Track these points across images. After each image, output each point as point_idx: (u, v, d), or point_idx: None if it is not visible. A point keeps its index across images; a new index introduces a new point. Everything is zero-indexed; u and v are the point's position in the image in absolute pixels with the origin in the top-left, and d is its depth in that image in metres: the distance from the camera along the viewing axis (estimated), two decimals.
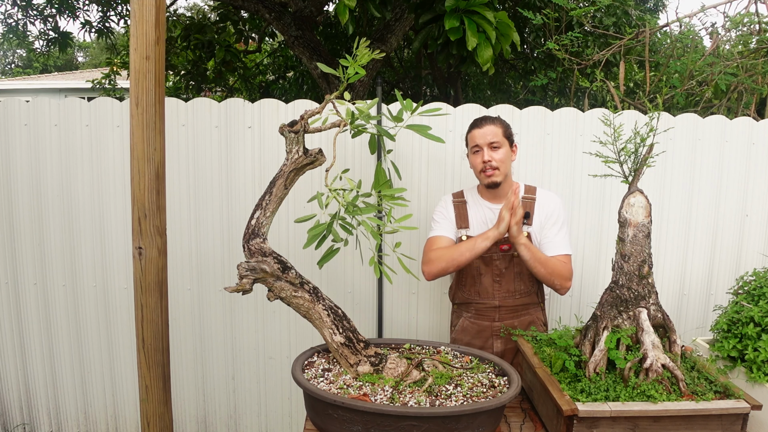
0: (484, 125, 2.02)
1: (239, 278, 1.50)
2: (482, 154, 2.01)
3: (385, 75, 8.20)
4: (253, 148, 2.53)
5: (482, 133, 2.01)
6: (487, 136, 2.00)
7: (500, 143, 2.01)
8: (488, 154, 2.00)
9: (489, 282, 2.07)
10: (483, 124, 2.03)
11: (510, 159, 2.05)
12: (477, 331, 2.10)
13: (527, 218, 2.04)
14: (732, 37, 4.37)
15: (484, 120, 2.04)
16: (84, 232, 2.57)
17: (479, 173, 2.05)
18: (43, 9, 5.99)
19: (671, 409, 1.39)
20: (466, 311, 2.14)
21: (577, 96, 5.93)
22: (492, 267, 2.06)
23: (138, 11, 1.53)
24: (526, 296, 2.08)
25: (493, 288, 2.07)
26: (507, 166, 2.03)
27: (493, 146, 2.00)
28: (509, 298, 2.07)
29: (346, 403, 1.37)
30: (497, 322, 2.07)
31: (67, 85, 14.19)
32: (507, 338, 2.06)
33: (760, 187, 2.67)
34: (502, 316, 2.07)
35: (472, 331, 2.11)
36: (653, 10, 7.90)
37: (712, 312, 2.56)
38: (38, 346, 2.66)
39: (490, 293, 2.07)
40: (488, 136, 2.00)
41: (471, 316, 2.12)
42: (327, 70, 1.57)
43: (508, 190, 2.02)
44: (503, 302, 2.07)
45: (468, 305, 2.13)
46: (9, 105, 2.50)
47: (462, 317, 2.15)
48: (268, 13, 4.53)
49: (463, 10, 3.02)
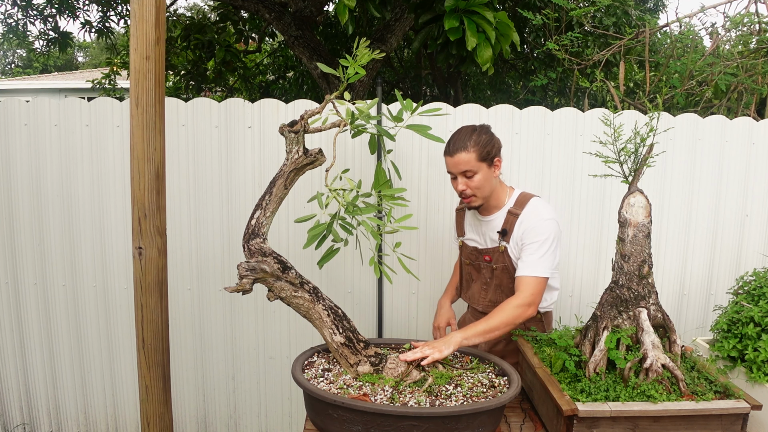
0: (456, 153, 1.86)
1: (239, 278, 1.50)
2: (455, 183, 1.92)
3: (385, 75, 8.20)
4: (253, 148, 2.53)
5: (454, 162, 1.87)
6: (459, 166, 1.86)
7: (474, 170, 1.86)
8: (462, 183, 1.89)
9: (478, 289, 2.09)
10: (454, 151, 1.86)
11: (490, 179, 1.90)
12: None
13: (504, 235, 1.96)
14: (732, 37, 4.37)
15: (455, 146, 1.87)
16: (84, 232, 2.57)
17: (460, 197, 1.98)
18: (43, 9, 5.99)
19: (671, 409, 1.39)
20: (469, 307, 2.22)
21: (577, 96, 5.93)
22: (481, 274, 2.08)
23: (138, 11, 1.54)
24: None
25: (480, 295, 2.08)
26: (486, 188, 1.91)
27: (467, 175, 1.88)
28: (491, 308, 1.99)
29: (346, 403, 1.37)
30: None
31: (67, 85, 14.20)
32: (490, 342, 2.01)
33: (760, 187, 2.67)
34: None
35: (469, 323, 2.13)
36: (653, 10, 7.90)
37: (712, 312, 2.57)
38: (38, 346, 2.66)
39: (476, 299, 2.10)
40: (460, 166, 1.86)
41: (470, 313, 2.20)
42: (327, 70, 1.57)
43: (495, 203, 1.98)
44: (486, 310, 2.03)
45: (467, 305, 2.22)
46: (9, 105, 2.50)
47: (466, 311, 2.24)
48: (268, 13, 4.53)
49: (462, 10, 3.02)
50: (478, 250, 2.05)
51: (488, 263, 2.03)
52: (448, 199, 2.55)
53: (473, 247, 2.07)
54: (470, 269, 2.11)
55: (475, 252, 2.06)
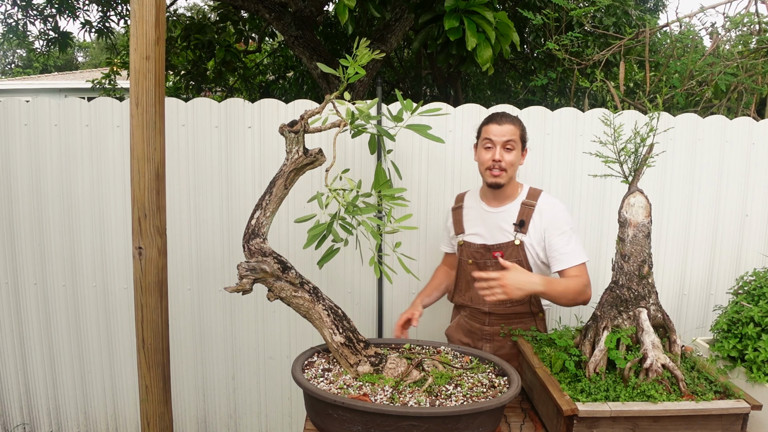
0: (504, 123, 1.93)
1: (239, 278, 1.50)
2: (494, 151, 1.92)
3: (385, 75, 8.20)
4: (253, 148, 2.53)
5: (500, 131, 1.92)
6: (505, 135, 1.91)
7: (514, 145, 1.93)
8: (500, 153, 1.91)
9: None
10: (503, 121, 1.93)
11: (519, 162, 1.97)
12: (468, 330, 2.10)
13: (522, 226, 1.97)
14: (732, 37, 4.37)
15: (504, 117, 1.95)
16: (84, 232, 2.57)
17: (485, 170, 1.96)
18: (43, 9, 5.99)
19: (671, 409, 1.39)
20: (463, 311, 2.16)
21: (577, 96, 5.93)
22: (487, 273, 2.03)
23: (138, 11, 1.53)
24: (518, 305, 2.03)
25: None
26: (514, 170, 1.97)
27: (507, 146, 1.92)
28: (499, 306, 2.01)
29: (346, 403, 1.37)
30: (487, 326, 2.05)
31: (67, 85, 14.19)
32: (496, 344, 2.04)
33: (760, 187, 2.67)
34: (493, 321, 2.04)
35: (464, 329, 2.12)
36: (653, 10, 7.90)
37: (712, 312, 2.56)
38: (38, 346, 2.66)
39: (481, 299, 2.00)
40: (506, 135, 1.92)
41: (466, 315, 2.14)
42: (327, 70, 1.57)
43: (510, 193, 1.99)
44: (493, 309, 2.03)
45: (464, 307, 2.14)
46: (9, 105, 2.50)
47: (459, 314, 2.18)
48: (268, 13, 4.53)
49: (462, 11, 3.02)
50: (486, 246, 2.00)
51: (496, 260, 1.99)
52: (448, 199, 2.55)
53: (480, 244, 2.02)
54: (473, 268, 2.04)
55: (482, 249, 2.01)
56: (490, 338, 2.06)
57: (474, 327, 2.09)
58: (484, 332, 2.06)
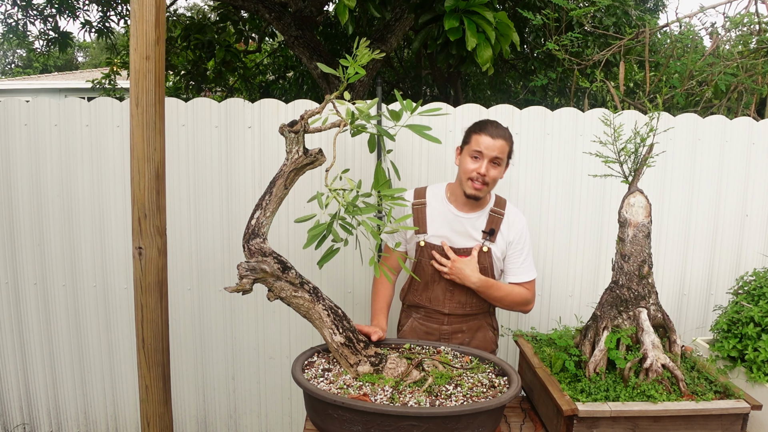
0: (497, 138, 1.88)
1: (239, 278, 1.50)
2: (481, 163, 1.88)
3: (385, 75, 8.20)
4: (253, 148, 2.53)
5: (492, 145, 1.87)
6: (495, 151, 1.87)
7: (501, 162, 1.90)
8: (486, 167, 1.87)
9: (442, 290, 2.01)
10: (496, 135, 1.88)
11: (500, 177, 1.95)
12: (425, 332, 2.06)
13: (491, 235, 1.96)
14: (732, 38, 4.37)
15: (498, 130, 1.90)
16: (84, 232, 2.57)
17: (466, 179, 1.91)
18: (43, 9, 5.99)
19: (671, 409, 1.39)
20: (416, 312, 2.10)
21: (577, 96, 5.93)
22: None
23: (138, 11, 1.53)
24: (476, 307, 2.03)
25: (445, 297, 2.01)
26: (495, 185, 1.95)
27: (495, 162, 1.89)
28: (459, 309, 2.01)
29: (346, 403, 1.37)
30: (446, 326, 2.04)
31: (67, 85, 14.20)
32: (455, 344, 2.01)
33: (760, 187, 2.67)
34: (451, 320, 2.04)
35: (420, 332, 2.07)
36: (653, 10, 7.90)
37: (712, 312, 2.57)
38: (38, 346, 2.66)
39: (440, 301, 2.02)
40: (496, 151, 1.87)
41: (420, 317, 2.08)
42: (327, 70, 1.57)
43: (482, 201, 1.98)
44: (453, 311, 2.02)
45: (418, 308, 2.09)
46: (9, 105, 2.50)
47: (411, 318, 2.11)
48: (268, 13, 4.54)
49: (462, 11, 3.03)
50: (452, 250, 1.97)
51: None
52: None
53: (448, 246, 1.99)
54: (434, 270, 1.99)
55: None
56: (449, 338, 2.04)
57: (431, 328, 2.06)
58: (443, 332, 2.05)
